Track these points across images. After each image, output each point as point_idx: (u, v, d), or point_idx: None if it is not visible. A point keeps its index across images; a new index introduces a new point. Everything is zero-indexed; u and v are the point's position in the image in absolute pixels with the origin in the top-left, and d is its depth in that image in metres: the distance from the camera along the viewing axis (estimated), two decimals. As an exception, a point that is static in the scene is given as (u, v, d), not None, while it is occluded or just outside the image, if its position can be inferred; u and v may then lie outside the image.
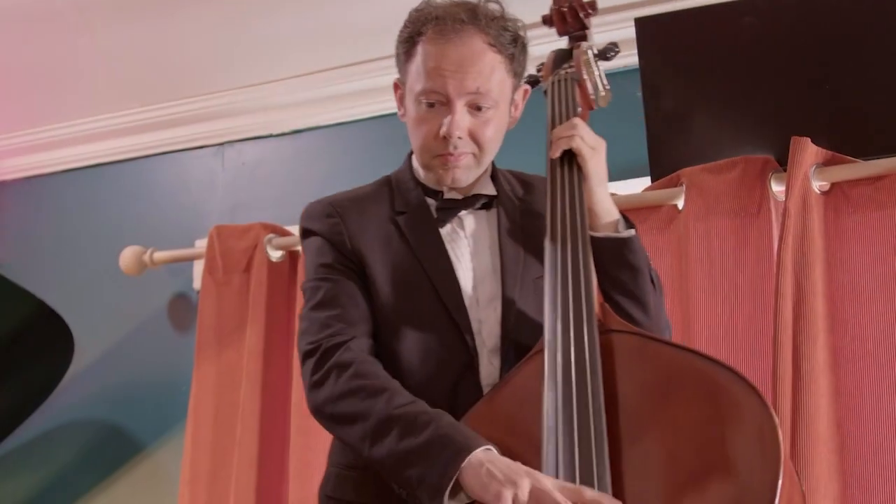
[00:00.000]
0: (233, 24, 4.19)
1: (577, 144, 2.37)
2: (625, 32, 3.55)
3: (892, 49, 3.15)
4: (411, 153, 2.55)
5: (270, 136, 4.50)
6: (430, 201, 2.48)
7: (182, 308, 4.48)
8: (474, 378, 2.34)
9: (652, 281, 2.46)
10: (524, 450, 2.13)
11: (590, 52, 2.64)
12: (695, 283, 3.26)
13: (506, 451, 2.10)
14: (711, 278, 3.26)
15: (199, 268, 4.31)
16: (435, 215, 2.46)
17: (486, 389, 2.33)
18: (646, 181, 3.44)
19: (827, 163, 3.18)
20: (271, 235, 4.09)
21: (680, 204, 3.37)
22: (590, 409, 2.06)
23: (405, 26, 2.43)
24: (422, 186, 2.50)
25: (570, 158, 2.41)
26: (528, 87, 2.55)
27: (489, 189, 2.51)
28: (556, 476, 2.00)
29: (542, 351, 2.20)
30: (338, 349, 2.28)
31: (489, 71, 2.35)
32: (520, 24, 2.43)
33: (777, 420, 1.97)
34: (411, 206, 2.48)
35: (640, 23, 3.41)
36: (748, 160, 3.28)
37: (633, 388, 2.14)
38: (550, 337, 2.19)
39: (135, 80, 4.53)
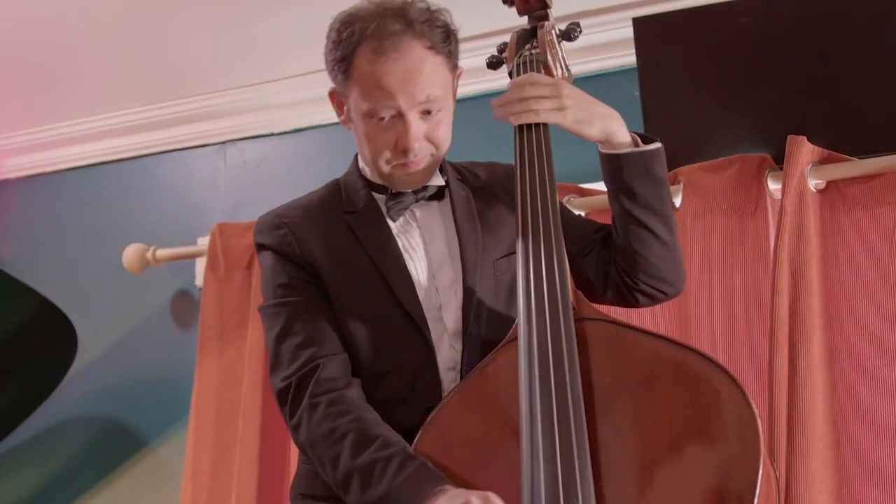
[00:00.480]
0: (234, 24, 4.18)
1: (544, 117, 2.33)
2: (623, 32, 3.56)
3: (887, 48, 3.15)
4: (356, 155, 2.54)
5: (272, 134, 4.50)
6: (380, 197, 2.47)
7: (184, 305, 4.48)
8: (433, 368, 2.34)
9: (671, 199, 2.44)
10: (498, 446, 2.13)
11: (553, 31, 2.59)
12: (692, 281, 3.26)
13: (479, 451, 2.12)
14: (708, 275, 3.26)
15: (201, 265, 4.31)
16: (385, 211, 2.45)
17: (444, 375, 2.34)
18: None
19: (823, 161, 3.18)
20: (273, 233, 4.08)
21: (677, 202, 3.36)
22: (569, 400, 2.05)
23: (336, 45, 2.37)
24: (370, 185, 2.49)
25: (531, 130, 2.38)
26: (461, 69, 2.49)
27: (437, 180, 2.49)
28: (538, 472, 1.99)
29: (515, 339, 2.18)
30: (308, 383, 2.29)
31: (434, 76, 2.32)
32: (446, 15, 2.38)
33: (756, 409, 1.97)
34: (360, 206, 2.46)
35: (638, 22, 3.41)
36: (745, 159, 3.28)
37: (609, 377, 2.12)
38: (524, 325, 2.16)
39: (137, 80, 4.53)
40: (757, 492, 1.90)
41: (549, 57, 2.54)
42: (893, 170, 3.12)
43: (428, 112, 2.34)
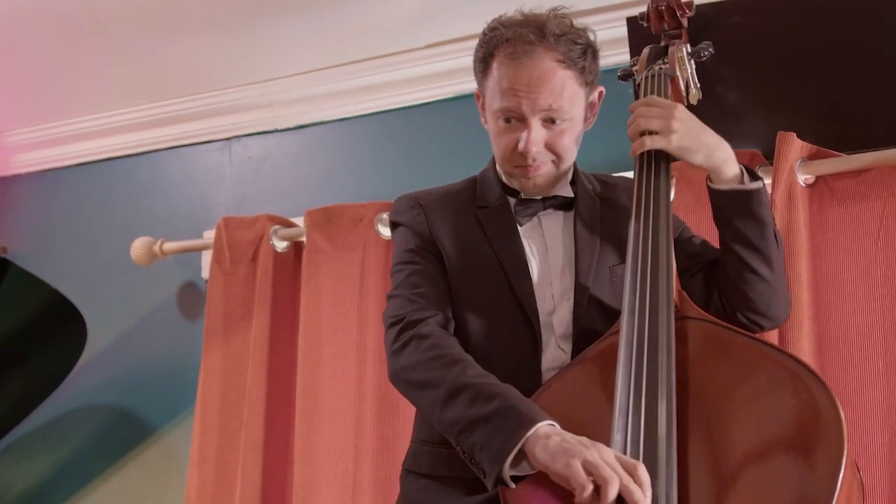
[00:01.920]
0: (239, 25, 4.18)
1: (650, 144, 2.39)
2: (617, 31, 3.55)
3: (875, 48, 3.15)
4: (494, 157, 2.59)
5: (275, 131, 4.50)
6: (511, 199, 2.52)
7: (191, 297, 4.48)
8: (535, 363, 2.37)
9: (775, 236, 2.44)
10: (592, 426, 2.13)
11: (684, 49, 2.65)
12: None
13: (574, 426, 2.10)
14: (700, 268, 3.26)
15: (207, 258, 4.31)
16: (514, 213, 2.50)
17: (546, 375, 2.35)
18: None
19: (812, 157, 3.18)
20: (276, 227, 4.08)
21: (670, 196, 3.36)
22: (660, 390, 2.08)
23: (480, 46, 2.46)
24: (503, 185, 2.54)
25: (650, 156, 2.44)
26: (602, 89, 2.55)
27: (567, 191, 2.53)
28: (626, 451, 2.01)
29: (618, 332, 2.21)
30: (418, 322, 2.34)
31: (560, 88, 2.37)
32: (589, 34, 2.45)
33: (843, 415, 1.96)
34: (492, 202, 2.52)
35: (632, 22, 3.40)
36: (736, 154, 3.27)
37: (705, 375, 2.14)
38: (628, 320, 2.20)
39: (145, 78, 4.53)
40: (836, 497, 1.88)
41: (677, 72, 2.61)
42: (880, 165, 3.13)
43: (552, 121, 2.39)
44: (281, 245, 4.08)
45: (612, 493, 1.92)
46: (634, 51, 3.40)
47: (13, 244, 4.89)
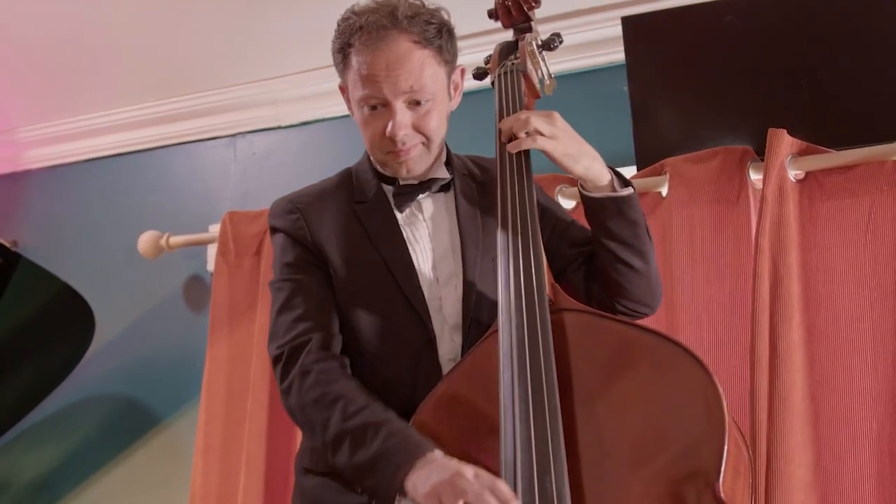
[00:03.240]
0: (243, 23, 4.18)
1: (539, 144, 2.32)
2: (612, 31, 3.56)
3: (863, 46, 3.16)
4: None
5: (279, 127, 4.50)
6: (388, 188, 2.48)
7: (196, 289, 4.48)
8: (433, 356, 2.35)
9: (647, 232, 2.45)
10: (483, 428, 2.14)
11: (534, 42, 2.58)
12: (677, 266, 3.27)
13: (466, 431, 2.14)
14: (693, 261, 3.26)
15: (212, 251, 4.31)
16: (392, 202, 2.45)
17: (445, 365, 2.34)
18: (632, 170, 3.43)
19: (802, 153, 3.18)
20: (280, 221, 4.08)
21: (664, 191, 3.37)
22: (543, 386, 2.06)
23: (335, 38, 2.40)
24: (379, 176, 2.49)
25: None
26: (462, 67, 2.50)
27: (443, 173, 2.49)
28: (514, 453, 2.00)
29: (497, 331, 2.19)
30: (300, 353, 2.30)
31: (419, 68, 2.32)
32: (442, 13, 2.40)
33: (721, 390, 1.97)
34: (369, 196, 2.47)
35: (627, 21, 3.41)
36: (728, 150, 3.28)
37: (585, 364, 2.14)
38: (504, 317, 2.18)
39: (152, 76, 4.53)
40: (723, 468, 1.91)
41: (529, 66, 2.54)
42: (868, 161, 3.13)
43: (416, 102, 2.34)
44: (284, 239, 4.08)
45: None
46: (629, 49, 3.41)
47: (23, 238, 4.89)
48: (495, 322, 2.22)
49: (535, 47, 2.57)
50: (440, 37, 2.37)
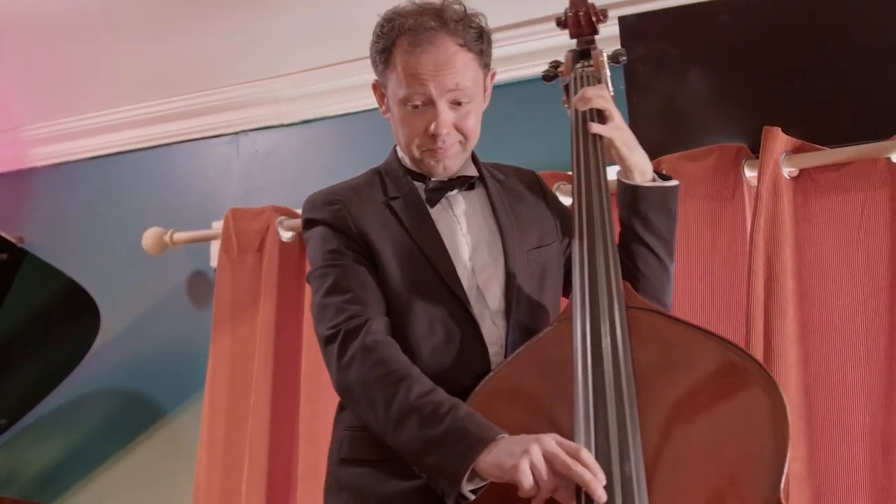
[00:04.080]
0: (246, 23, 4.18)
1: (610, 133, 2.42)
2: (608, 30, 3.54)
3: (856, 46, 3.16)
4: (395, 146, 2.56)
5: (281, 125, 4.49)
6: (419, 185, 2.49)
7: (200, 285, 4.48)
8: (477, 338, 2.34)
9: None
10: (546, 412, 2.15)
11: (604, 54, 2.68)
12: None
13: (529, 412, 2.15)
14: (689, 257, 3.27)
15: (215, 247, 4.30)
16: (424, 198, 2.47)
17: (491, 348, 2.34)
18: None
19: (796, 150, 3.18)
20: (282, 217, 4.08)
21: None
22: (622, 375, 2.07)
23: (377, 37, 2.44)
24: (410, 173, 2.50)
25: (595, 140, 2.45)
26: (494, 70, 2.54)
27: (472, 171, 2.52)
28: (591, 437, 2.01)
29: (566, 319, 2.20)
30: (359, 332, 2.27)
31: (464, 69, 2.37)
32: (482, 19, 2.44)
33: (786, 400, 1.98)
34: (402, 192, 2.48)
35: (624, 21, 3.40)
36: (723, 148, 3.28)
37: (652, 363, 2.14)
38: (580, 308, 2.19)
39: (156, 74, 4.53)
40: (784, 476, 1.92)
41: (601, 74, 2.63)
42: (861, 159, 3.13)
43: (458, 103, 2.38)
44: (286, 235, 4.08)
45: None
46: (626, 49, 3.41)
47: (29, 234, 4.89)
48: (565, 310, 2.25)
49: (605, 58, 2.67)
50: (481, 41, 2.42)
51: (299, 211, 3.95)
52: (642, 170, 2.47)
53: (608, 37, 3.54)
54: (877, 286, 3.07)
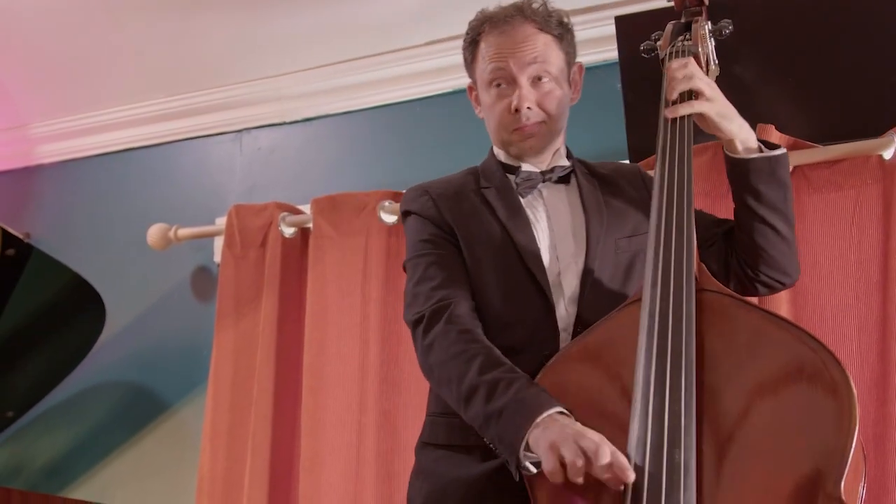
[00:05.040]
0: (249, 22, 4.18)
1: (696, 108, 2.36)
2: (605, 29, 3.56)
3: (848, 46, 3.16)
4: (491, 147, 2.62)
5: (284, 123, 4.49)
6: (512, 178, 2.54)
7: (203, 280, 4.48)
8: (551, 322, 2.37)
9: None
10: (612, 393, 2.13)
11: (706, 27, 2.62)
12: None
13: (593, 393, 2.15)
14: (684, 253, 3.26)
15: (219, 243, 4.30)
16: (516, 188, 2.52)
17: (561, 334, 2.36)
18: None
19: (789, 148, 3.17)
20: (285, 214, 4.08)
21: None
22: (682, 361, 2.04)
23: (466, 34, 2.56)
24: (503, 167, 2.56)
25: (678, 122, 2.40)
26: (581, 63, 2.60)
27: (562, 161, 2.56)
28: (647, 421, 2.00)
29: (637, 301, 2.18)
30: (442, 315, 2.35)
31: (543, 46, 2.46)
32: (563, 13, 2.53)
33: (854, 392, 1.93)
34: (495, 183, 2.54)
35: (620, 21, 3.41)
36: (718, 145, 3.23)
37: (721, 347, 2.09)
38: (649, 288, 2.17)
39: (161, 73, 4.53)
40: (846, 472, 1.86)
41: (699, 49, 2.56)
42: (854, 156, 3.13)
43: (539, 78, 2.46)
44: (289, 231, 4.08)
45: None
46: (622, 49, 3.41)
47: (36, 230, 4.89)
48: (636, 292, 2.22)
49: (706, 31, 2.61)
50: (561, 27, 2.50)
51: (301, 207, 3.99)
52: (744, 140, 2.40)
53: (605, 36, 3.56)
54: (869, 281, 3.07)
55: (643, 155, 3.39)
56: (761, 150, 2.40)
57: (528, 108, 2.44)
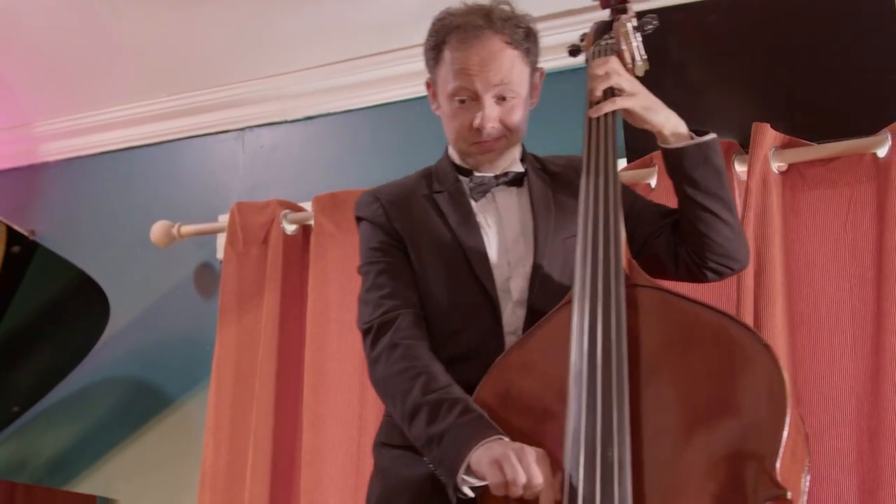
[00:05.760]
0: (251, 21, 4.18)
1: (619, 104, 2.36)
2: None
3: (842, 44, 3.16)
4: (447, 145, 2.60)
5: (285, 122, 4.50)
6: (465, 180, 2.53)
7: (206, 276, 4.47)
8: (498, 329, 2.36)
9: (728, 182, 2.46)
10: (550, 393, 2.13)
11: (629, 24, 2.59)
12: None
13: (532, 395, 2.15)
14: (680, 249, 3.26)
15: (221, 240, 4.30)
16: (468, 192, 2.50)
17: (507, 337, 2.35)
18: (622, 162, 3.43)
19: (784, 146, 3.18)
20: (286, 211, 4.08)
21: (653, 182, 3.36)
22: (613, 358, 2.05)
23: (430, 36, 2.49)
24: (457, 169, 2.55)
25: (601, 121, 2.39)
26: (542, 69, 2.57)
27: (517, 167, 2.54)
28: (580, 421, 2.00)
29: (570, 302, 2.18)
30: (388, 328, 2.35)
31: (509, 66, 2.40)
32: (529, 19, 2.47)
33: (786, 374, 1.96)
34: (447, 186, 2.53)
35: (617, 20, 3.40)
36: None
37: (654, 339, 2.12)
38: (579, 288, 2.17)
39: (164, 72, 4.53)
40: (781, 452, 1.89)
41: (622, 46, 2.54)
42: (848, 154, 3.14)
43: (503, 98, 2.42)
44: (290, 228, 4.08)
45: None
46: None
47: (42, 227, 4.88)
48: (569, 293, 2.22)
49: (629, 28, 2.58)
50: (528, 40, 2.45)
51: (303, 204, 3.99)
52: (673, 130, 2.40)
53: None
54: (863, 277, 3.07)
55: (641, 153, 3.39)
56: (693, 139, 2.40)
57: (492, 126, 2.42)
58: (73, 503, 4.31)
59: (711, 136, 2.40)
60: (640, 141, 3.40)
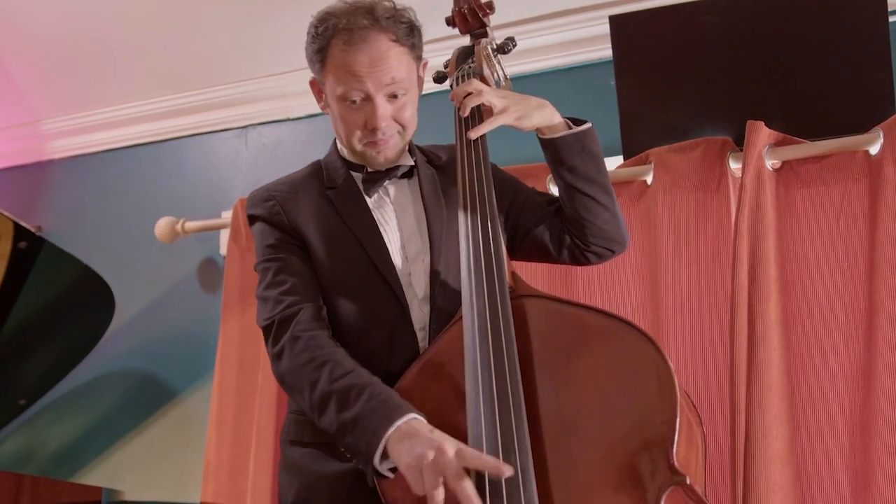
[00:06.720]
0: (253, 20, 4.17)
1: (497, 122, 2.35)
2: (600, 28, 3.56)
3: (835, 43, 3.15)
4: (335, 139, 2.57)
5: (288, 119, 4.49)
6: (357, 175, 2.50)
7: (210, 271, 4.47)
8: (407, 325, 2.35)
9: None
10: (452, 408, 2.13)
11: (489, 47, 2.60)
12: (661, 250, 3.26)
13: (439, 408, 2.13)
14: (676, 245, 3.26)
15: (224, 236, 4.30)
16: (361, 188, 2.48)
17: (419, 333, 2.35)
18: (618, 160, 3.43)
19: (778, 143, 3.18)
20: (288, 208, 4.07)
21: (649, 180, 3.36)
22: (506, 369, 2.06)
23: (312, 39, 2.40)
24: (348, 164, 2.51)
25: (473, 142, 2.41)
26: (426, 60, 2.54)
27: (407, 160, 2.52)
28: (481, 432, 1.99)
29: (461, 319, 2.19)
30: (290, 322, 2.30)
31: (398, 63, 2.36)
32: (411, 13, 2.43)
33: (671, 365, 2.00)
34: (339, 183, 2.49)
35: (614, 20, 3.40)
36: (709, 141, 3.27)
37: (545, 346, 2.15)
38: (467, 306, 2.17)
39: (168, 71, 4.53)
40: (676, 438, 1.92)
41: (485, 69, 2.56)
42: (840, 151, 3.13)
43: (394, 96, 2.38)
44: (292, 224, 4.07)
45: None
46: (617, 47, 3.40)
47: (48, 223, 4.88)
48: (459, 311, 2.22)
49: (490, 51, 2.59)
50: (412, 35, 2.41)
51: (304, 201, 3.95)
52: (549, 125, 2.41)
53: (600, 34, 3.55)
54: (855, 273, 3.07)
55: (637, 150, 3.39)
56: (570, 128, 2.42)
57: (385, 125, 2.39)
58: (79, 494, 4.31)
59: (587, 125, 2.42)
60: (635, 138, 3.40)
